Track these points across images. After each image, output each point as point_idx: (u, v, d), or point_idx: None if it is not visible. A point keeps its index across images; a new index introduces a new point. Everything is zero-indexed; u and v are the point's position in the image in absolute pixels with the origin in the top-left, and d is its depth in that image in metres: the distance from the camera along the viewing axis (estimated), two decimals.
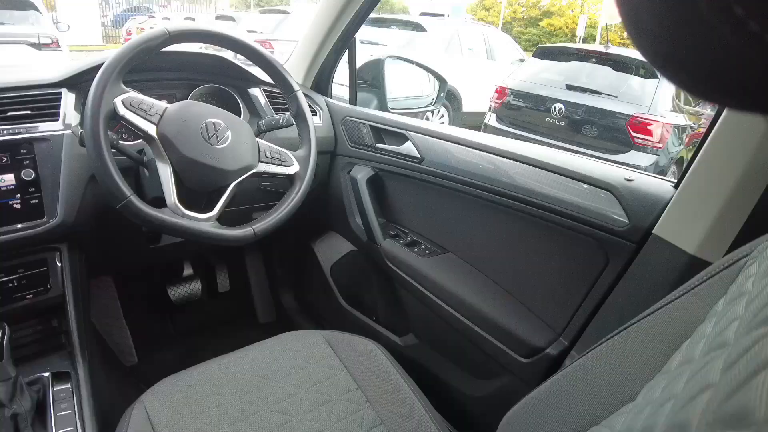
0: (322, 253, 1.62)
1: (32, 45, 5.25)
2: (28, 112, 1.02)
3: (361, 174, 1.32)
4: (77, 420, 0.99)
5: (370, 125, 1.33)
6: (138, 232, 1.26)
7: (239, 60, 1.29)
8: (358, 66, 1.50)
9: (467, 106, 6.25)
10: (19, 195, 0.99)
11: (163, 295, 1.74)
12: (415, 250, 1.23)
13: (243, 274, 1.93)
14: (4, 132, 0.98)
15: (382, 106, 1.54)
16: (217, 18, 9.69)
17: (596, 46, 5.53)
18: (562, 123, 4.44)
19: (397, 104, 1.60)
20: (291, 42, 5.68)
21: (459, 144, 1.14)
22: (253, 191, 1.32)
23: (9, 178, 0.97)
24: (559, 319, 0.97)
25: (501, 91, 4.98)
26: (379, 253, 1.28)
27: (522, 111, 4.81)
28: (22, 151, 0.99)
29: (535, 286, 1.03)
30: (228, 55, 1.30)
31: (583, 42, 14.28)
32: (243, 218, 1.31)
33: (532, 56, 5.19)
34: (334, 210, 1.49)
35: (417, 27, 6.49)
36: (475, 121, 5.51)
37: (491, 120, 5.06)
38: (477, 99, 6.11)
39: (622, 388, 0.50)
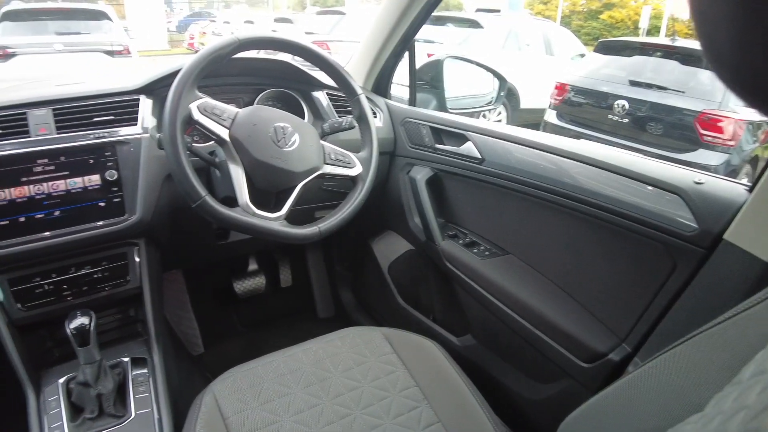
0: (381, 252, 1.64)
1: (106, 52, 5.58)
2: (111, 117, 1.10)
3: (421, 174, 1.33)
4: (153, 402, 1.06)
5: (430, 126, 1.34)
6: (208, 228, 1.33)
7: (298, 62, 1.33)
8: (417, 66, 1.52)
9: (525, 103, 6.14)
10: (103, 194, 1.07)
11: (229, 289, 1.83)
12: (475, 251, 1.23)
13: (304, 271, 1.98)
14: (91, 136, 1.06)
15: (442, 106, 1.54)
16: (276, 20, 9.94)
17: (662, 39, 5.29)
18: (625, 120, 4.28)
19: (456, 104, 1.61)
20: (347, 42, 5.76)
21: (520, 144, 1.13)
22: (315, 191, 1.36)
23: (95, 179, 1.05)
24: (623, 324, 0.95)
25: (561, 88, 4.86)
26: (437, 253, 1.29)
27: (583, 108, 4.67)
28: (106, 154, 1.06)
29: (598, 290, 1.01)
30: (289, 58, 1.35)
31: (646, 35, 13.65)
32: (306, 217, 1.35)
33: (594, 51, 5.03)
34: (392, 210, 1.51)
35: (473, 24, 6.43)
36: (534, 119, 5.40)
37: (551, 117, 4.94)
38: (536, 96, 5.99)
39: (689, 398, 0.49)
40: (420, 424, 0.92)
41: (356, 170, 1.09)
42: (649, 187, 0.90)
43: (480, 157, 1.19)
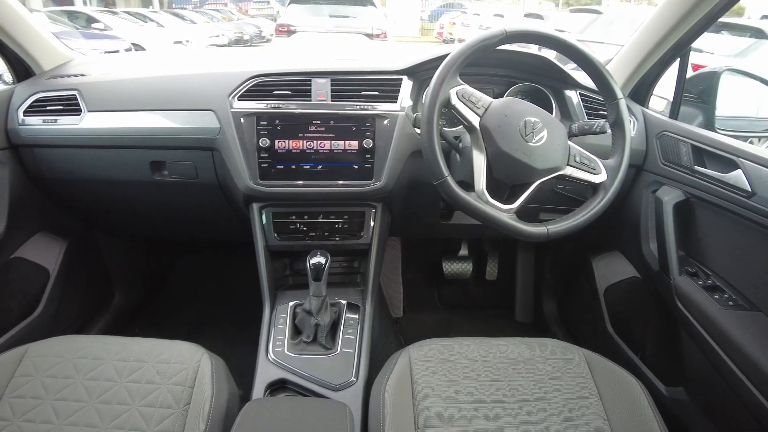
0: (600, 271, 1.54)
1: (366, 35, 6.23)
2: (376, 93, 1.24)
3: (669, 197, 1.20)
4: (356, 346, 1.19)
5: (692, 144, 1.18)
6: (435, 206, 1.41)
7: (553, 57, 1.30)
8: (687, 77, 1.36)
9: None
10: (358, 158, 1.22)
11: (438, 267, 1.93)
12: (716, 296, 1.07)
13: (511, 269, 1.98)
14: (357, 107, 1.21)
15: (709, 124, 1.36)
16: (526, 15, 9.83)
17: None
18: None
19: (724, 124, 1.40)
20: (606, 44, 5.44)
21: None
22: (547, 191, 1.33)
23: (354, 144, 1.21)
24: None
25: None
26: (669, 288, 1.16)
27: None
28: (366, 124, 1.21)
29: None
30: (534, 50, 1.33)
31: None
32: (530, 216, 1.34)
33: None
34: (625, 229, 1.40)
35: (757, 33, 5.48)
36: None
37: None
38: None
39: None
40: None
41: (600, 177, 1.04)
42: None
43: (750, 190, 1.01)
